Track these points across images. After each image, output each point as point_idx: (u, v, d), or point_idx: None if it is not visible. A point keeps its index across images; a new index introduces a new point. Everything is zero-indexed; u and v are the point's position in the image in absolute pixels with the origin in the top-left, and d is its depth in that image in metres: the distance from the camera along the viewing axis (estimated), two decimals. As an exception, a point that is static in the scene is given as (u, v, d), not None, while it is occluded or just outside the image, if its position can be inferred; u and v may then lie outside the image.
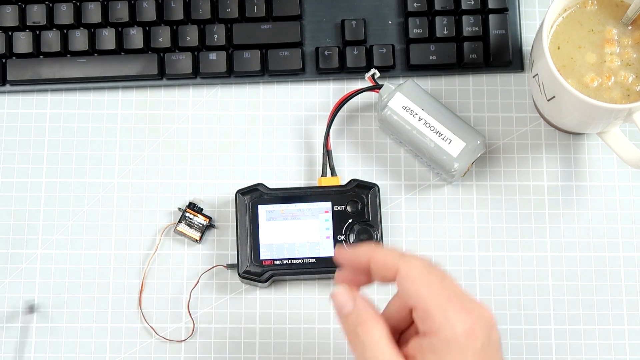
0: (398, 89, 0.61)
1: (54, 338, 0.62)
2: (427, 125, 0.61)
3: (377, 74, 0.63)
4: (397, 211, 0.64)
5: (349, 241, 0.60)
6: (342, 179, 0.64)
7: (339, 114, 0.63)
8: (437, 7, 0.65)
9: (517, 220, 0.63)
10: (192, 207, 0.63)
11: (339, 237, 0.60)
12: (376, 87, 0.62)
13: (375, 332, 0.45)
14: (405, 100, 0.61)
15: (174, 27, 0.65)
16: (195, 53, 0.65)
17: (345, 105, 0.63)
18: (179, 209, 0.63)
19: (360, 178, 0.63)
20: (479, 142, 0.61)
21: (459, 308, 0.44)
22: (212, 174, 0.65)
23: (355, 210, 0.60)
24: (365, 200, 0.60)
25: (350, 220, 0.60)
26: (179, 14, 0.65)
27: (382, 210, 0.61)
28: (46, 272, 0.63)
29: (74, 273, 0.63)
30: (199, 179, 0.65)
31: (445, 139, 0.60)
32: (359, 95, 0.63)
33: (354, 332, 0.46)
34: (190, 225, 0.62)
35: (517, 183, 0.64)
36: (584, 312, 0.62)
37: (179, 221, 0.62)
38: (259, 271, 0.60)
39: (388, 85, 0.62)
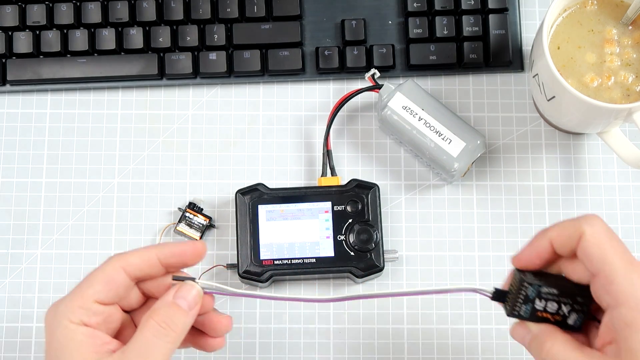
0: (398, 89, 0.61)
1: (54, 338, 0.62)
2: (427, 125, 0.61)
3: (377, 74, 0.63)
4: (397, 211, 0.64)
5: (349, 241, 0.60)
6: (342, 179, 0.64)
7: (339, 114, 0.63)
8: (437, 7, 0.65)
9: (517, 220, 0.63)
10: (192, 207, 0.63)
11: (339, 237, 0.60)
12: (376, 87, 0.62)
13: (558, 345, 0.44)
14: (405, 100, 0.61)
15: (174, 27, 0.65)
16: (195, 53, 0.65)
17: (345, 105, 0.63)
18: (179, 209, 0.63)
19: (360, 178, 0.63)
20: (479, 142, 0.61)
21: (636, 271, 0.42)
22: (212, 173, 0.65)
23: (355, 210, 0.60)
24: (365, 200, 0.60)
25: (350, 220, 0.60)
26: (179, 14, 0.65)
27: (382, 210, 0.61)
28: (46, 272, 0.63)
29: (74, 273, 0.63)
30: (199, 179, 0.65)
31: (445, 139, 0.60)
32: (359, 95, 0.63)
33: (540, 356, 0.45)
34: (190, 225, 0.62)
35: (517, 183, 0.64)
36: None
37: (179, 221, 0.62)
38: (259, 271, 0.60)
39: (388, 85, 0.62)
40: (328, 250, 0.60)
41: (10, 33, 0.65)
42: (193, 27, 0.65)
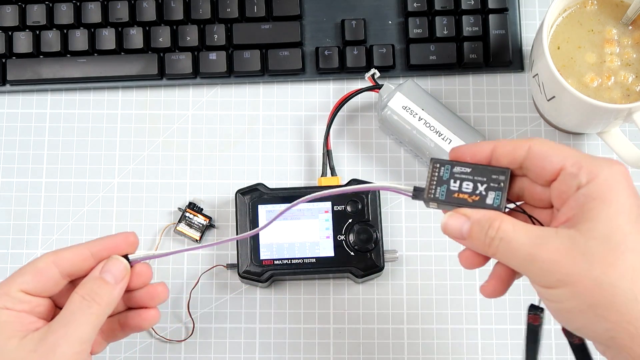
0: (398, 88, 0.61)
1: (54, 338, 0.62)
2: (427, 125, 0.61)
3: (377, 74, 0.63)
4: (397, 211, 0.64)
5: (349, 241, 0.60)
6: (342, 179, 0.64)
7: (339, 114, 0.63)
8: (437, 7, 0.65)
9: (517, 220, 0.63)
10: (192, 207, 0.63)
11: (339, 237, 0.60)
12: (376, 87, 0.62)
13: (506, 224, 0.43)
14: (405, 100, 0.61)
15: (174, 27, 0.65)
16: (195, 53, 0.65)
17: (345, 105, 0.63)
18: (179, 208, 0.63)
19: (360, 178, 0.62)
20: (478, 142, 0.61)
21: (606, 159, 0.43)
22: (212, 173, 0.65)
23: (355, 210, 0.60)
24: (365, 200, 0.60)
25: (350, 220, 0.60)
26: (179, 14, 0.65)
27: (382, 210, 0.61)
28: (46, 272, 0.63)
29: (74, 273, 0.63)
30: (199, 178, 0.65)
31: (445, 139, 0.60)
32: (359, 95, 0.63)
33: (487, 240, 0.44)
34: (190, 225, 0.62)
35: (517, 183, 0.64)
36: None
37: (179, 221, 0.62)
38: (259, 271, 0.60)
39: (388, 85, 0.62)
40: (328, 250, 0.60)
41: (10, 33, 0.65)
42: (193, 27, 0.65)
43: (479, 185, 0.46)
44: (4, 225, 0.64)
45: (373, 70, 0.63)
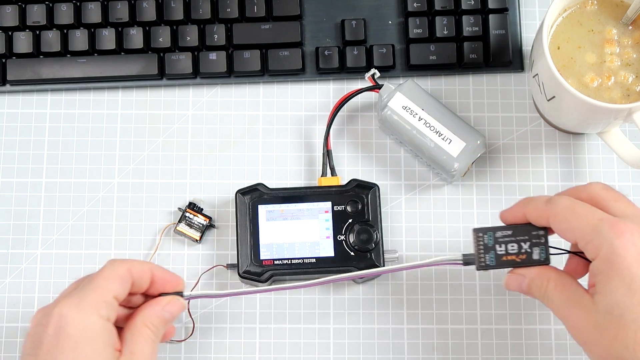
0: (398, 89, 0.61)
1: (54, 338, 0.62)
2: (427, 125, 0.61)
3: (377, 74, 0.63)
4: (397, 211, 0.64)
5: (349, 241, 0.60)
6: (342, 179, 0.64)
7: (339, 114, 0.63)
8: (437, 7, 0.65)
9: (517, 220, 0.63)
10: (192, 207, 0.63)
11: (339, 237, 0.60)
12: (376, 87, 0.62)
13: (550, 286, 0.49)
14: (405, 100, 0.61)
15: (174, 27, 0.65)
16: (195, 53, 0.65)
17: (345, 105, 0.63)
18: (179, 209, 0.63)
19: (360, 178, 0.62)
20: (479, 142, 0.61)
21: (612, 223, 0.47)
22: (212, 173, 0.65)
23: (355, 210, 0.60)
24: (365, 200, 0.60)
25: (350, 220, 0.60)
26: (179, 14, 0.65)
27: (382, 210, 0.61)
28: (46, 272, 0.63)
29: (74, 273, 0.63)
30: (199, 178, 0.65)
31: (445, 139, 0.60)
32: (359, 95, 0.63)
33: (541, 298, 0.50)
34: (190, 225, 0.62)
35: (517, 183, 0.64)
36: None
37: (179, 221, 0.62)
38: (259, 271, 0.60)
39: (388, 85, 0.62)
40: (328, 250, 0.60)
41: (10, 33, 0.65)
42: (193, 27, 0.65)
43: (522, 244, 0.52)
44: (4, 225, 0.64)
45: (373, 71, 0.63)
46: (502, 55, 0.65)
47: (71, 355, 0.46)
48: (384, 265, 0.60)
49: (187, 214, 0.62)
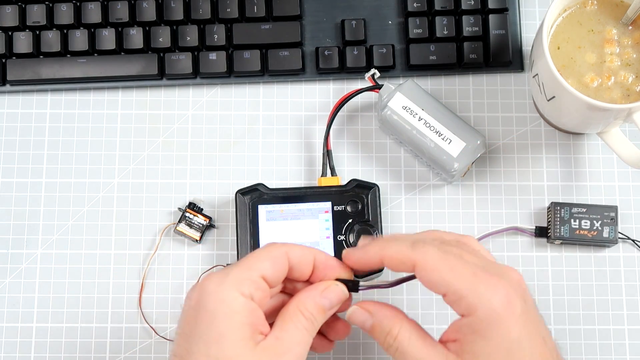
0: (398, 89, 0.61)
1: (54, 338, 0.62)
2: (427, 125, 0.61)
3: (377, 74, 0.63)
4: (397, 211, 0.64)
5: (349, 241, 0.60)
6: (342, 179, 0.64)
7: (339, 114, 0.63)
8: (437, 7, 0.65)
9: (517, 220, 0.63)
10: (192, 207, 0.63)
11: (339, 237, 0.60)
12: (376, 87, 0.62)
13: (403, 335, 0.46)
14: (405, 100, 0.61)
15: (174, 27, 0.65)
16: (195, 53, 0.65)
17: (345, 105, 0.63)
18: (179, 209, 0.63)
19: (360, 178, 0.62)
20: (479, 142, 0.61)
21: (488, 281, 0.44)
22: (212, 174, 0.65)
23: (355, 210, 0.60)
24: (365, 200, 0.60)
25: (350, 220, 0.60)
26: (179, 14, 0.65)
27: (382, 210, 0.61)
28: (46, 272, 0.63)
29: (74, 273, 0.63)
30: (199, 179, 0.65)
31: (445, 139, 0.60)
32: (359, 95, 0.63)
33: (384, 343, 0.46)
34: (190, 225, 0.62)
35: (517, 183, 0.64)
36: (584, 312, 0.62)
37: (179, 221, 0.62)
38: (259, 271, 0.60)
39: (388, 85, 0.62)
40: (328, 250, 0.60)
41: (10, 33, 0.65)
42: (193, 27, 0.65)
43: (594, 222, 0.59)
44: (4, 225, 0.64)
45: (373, 71, 0.63)
46: (502, 55, 0.65)
47: (206, 329, 0.44)
48: (383, 267, 0.59)
49: (187, 214, 0.62)
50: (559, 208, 0.60)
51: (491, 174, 0.64)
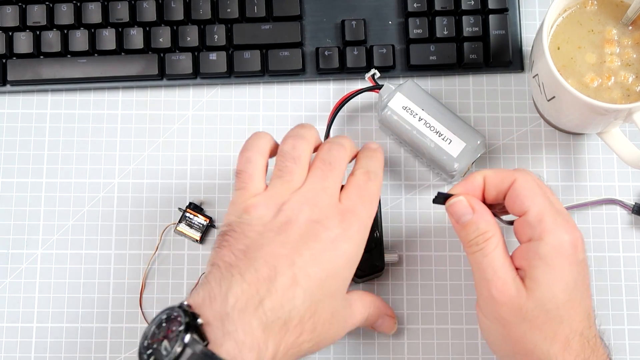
0: (398, 89, 0.61)
1: (54, 338, 0.62)
2: (427, 125, 0.61)
3: (377, 74, 0.63)
4: (397, 211, 0.64)
5: None
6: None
7: (339, 114, 0.63)
8: (437, 7, 0.65)
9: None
10: (193, 207, 0.63)
11: None
12: (376, 88, 0.62)
13: (492, 242, 0.49)
14: (405, 100, 0.61)
15: (174, 27, 0.66)
16: (196, 53, 0.65)
17: (345, 105, 0.63)
18: (179, 209, 0.63)
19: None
20: (479, 142, 0.61)
21: (566, 221, 0.48)
22: (213, 174, 0.65)
23: None
24: None
25: None
26: (179, 14, 0.65)
27: (382, 210, 0.61)
28: (46, 272, 0.63)
29: (74, 273, 0.63)
30: (199, 179, 0.65)
31: (445, 139, 0.60)
32: (359, 95, 0.63)
33: (472, 240, 0.49)
34: (190, 225, 0.62)
35: (517, 183, 0.64)
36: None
37: (179, 221, 0.62)
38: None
39: (388, 85, 0.62)
40: None
41: (10, 33, 0.65)
42: (193, 28, 0.65)
43: None
44: (4, 225, 0.64)
45: (373, 71, 0.63)
46: (502, 55, 0.65)
47: None
48: (384, 266, 0.60)
49: (188, 214, 0.62)
50: None
51: (491, 174, 0.64)
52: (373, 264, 0.59)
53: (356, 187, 0.51)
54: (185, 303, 0.45)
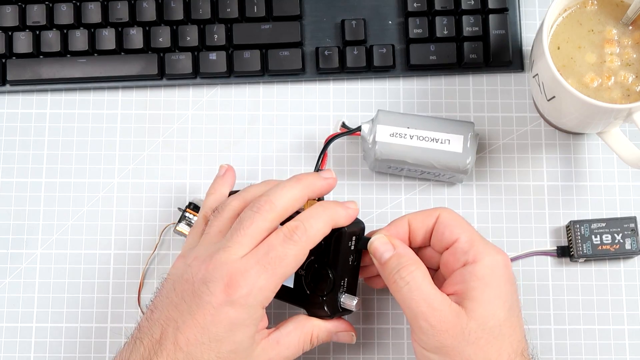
0: (376, 122, 0.60)
1: (54, 338, 0.62)
2: (421, 138, 0.60)
3: (345, 121, 0.61)
4: (397, 211, 0.64)
5: (307, 278, 0.54)
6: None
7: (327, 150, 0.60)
8: (437, 7, 0.65)
9: (517, 220, 0.63)
10: (192, 207, 0.63)
11: (300, 271, 0.54)
12: (356, 130, 0.60)
13: (417, 274, 0.49)
14: (388, 128, 0.60)
15: (174, 27, 0.65)
16: (195, 53, 0.65)
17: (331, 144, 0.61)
18: (179, 209, 0.63)
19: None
20: (472, 129, 0.60)
21: (492, 244, 0.51)
22: (212, 174, 0.64)
23: (318, 248, 0.51)
24: (329, 240, 0.52)
25: (312, 258, 0.54)
26: (179, 14, 0.65)
27: (351, 243, 0.53)
28: (46, 272, 0.63)
29: (74, 273, 0.63)
30: (199, 179, 0.65)
31: (443, 142, 0.60)
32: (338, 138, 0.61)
33: (396, 276, 0.49)
34: (190, 225, 0.62)
35: (517, 183, 0.64)
36: (584, 312, 0.62)
37: (179, 221, 0.62)
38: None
39: (364, 124, 0.60)
40: (289, 281, 0.55)
41: (10, 33, 0.65)
42: (193, 27, 0.65)
43: (615, 235, 0.60)
44: (4, 225, 0.64)
45: (340, 119, 0.61)
46: (502, 55, 0.65)
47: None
48: (332, 315, 0.53)
49: (187, 214, 0.62)
50: (578, 226, 0.60)
51: (491, 174, 0.64)
52: (323, 310, 0.53)
53: (267, 246, 0.48)
54: None
